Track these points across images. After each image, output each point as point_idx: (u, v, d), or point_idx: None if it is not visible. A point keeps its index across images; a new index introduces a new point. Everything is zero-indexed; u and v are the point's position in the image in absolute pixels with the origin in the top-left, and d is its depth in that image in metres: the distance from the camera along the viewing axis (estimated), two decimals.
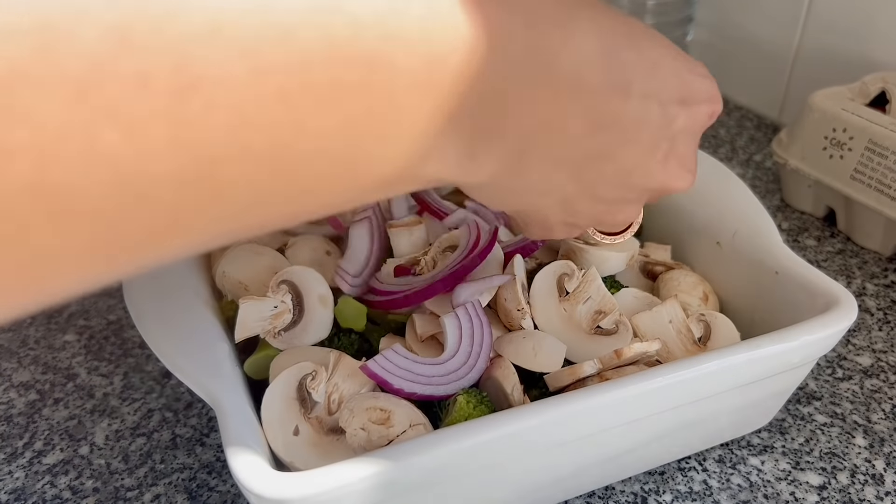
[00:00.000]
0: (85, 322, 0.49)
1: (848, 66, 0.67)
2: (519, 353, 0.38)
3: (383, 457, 0.29)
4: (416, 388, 0.34)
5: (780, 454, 0.41)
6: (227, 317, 0.39)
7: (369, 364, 0.34)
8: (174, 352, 0.34)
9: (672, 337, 0.39)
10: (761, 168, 0.68)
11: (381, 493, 0.29)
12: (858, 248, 0.58)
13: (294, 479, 0.28)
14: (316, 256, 0.43)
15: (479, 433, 0.30)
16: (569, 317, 0.39)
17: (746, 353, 0.34)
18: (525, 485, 0.35)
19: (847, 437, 0.43)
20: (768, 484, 0.40)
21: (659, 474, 0.40)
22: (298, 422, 0.33)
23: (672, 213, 0.47)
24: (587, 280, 0.39)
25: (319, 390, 0.34)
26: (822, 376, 0.47)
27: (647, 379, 0.33)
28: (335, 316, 0.40)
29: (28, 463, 0.40)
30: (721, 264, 0.44)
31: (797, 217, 0.62)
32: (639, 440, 0.36)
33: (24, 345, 0.48)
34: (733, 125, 0.75)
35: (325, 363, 0.35)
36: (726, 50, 0.80)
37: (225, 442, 0.30)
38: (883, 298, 0.53)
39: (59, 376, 0.45)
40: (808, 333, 0.35)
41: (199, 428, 0.42)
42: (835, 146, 0.57)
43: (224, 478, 0.39)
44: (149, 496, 0.38)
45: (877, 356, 0.48)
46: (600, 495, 0.39)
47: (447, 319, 0.36)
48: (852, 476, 0.40)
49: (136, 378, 0.45)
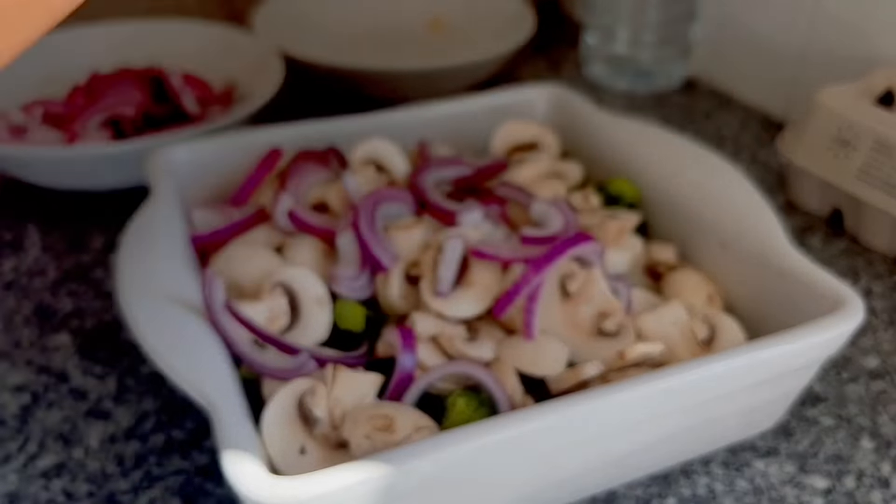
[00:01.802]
0: (79, 324, 0.49)
1: (854, 64, 0.66)
2: (520, 357, 0.38)
3: (382, 461, 0.28)
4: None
5: (786, 457, 0.41)
6: None
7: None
8: (168, 354, 0.33)
9: (676, 338, 0.39)
10: (766, 167, 0.68)
11: (380, 498, 0.29)
12: (865, 249, 0.57)
13: (290, 483, 0.27)
14: (314, 256, 0.42)
15: (480, 436, 0.30)
16: (571, 318, 0.38)
17: (751, 354, 0.34)
18: (526, 488, 0.34)
19: (853, 440, 0.42)
20: (773, 488, 0.39)
21: (662, 478, 0.39)
22: (304, 441, 0.33)
23: (676, 212, 0.47)
24: (590, 281, 0.38)
25: (321, 406, 0.34)
26: (827, 378, 0.46)
27: (651, 381, 0.32)
28: (334, 318, 0.39)
29: (22, 466, 0.39)
30: (726, 264, 0.43)
31: (802, 216, 0.61)
32: (642, 443, 0.35)
33: (17, 346, 0.47)
34: (738, 123, 0.75)
35: (322, 379, 0.35)
36: (731, 47, 0.79)
37: (220, 445, 0.29)
38: (889, 299, 0.52)
39: (52, 378, 0.45)
40: (814, 335, 0.35)
41: (195, 431, 0.42)
42: (841, 145, 0.56)
43: (220, 482, 0.39)
44: (144, 500, 0.38)
45: (883, 358, 0.47)
46: (603, 499, 0.38)
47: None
48: (858, 480, 0.40)
49: (130, 381, 0.45)
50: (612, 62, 0.81)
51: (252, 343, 0.36)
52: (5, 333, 0.48)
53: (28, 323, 0.49)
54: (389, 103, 0.73)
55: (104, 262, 0.54)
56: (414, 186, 0.45)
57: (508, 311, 0.38)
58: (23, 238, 0.57)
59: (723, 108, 0.78)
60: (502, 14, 0.85)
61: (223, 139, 0.50)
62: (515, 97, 0.56)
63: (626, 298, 0.40)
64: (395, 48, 0.87)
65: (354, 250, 0.41)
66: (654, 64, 0.79)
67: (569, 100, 0.56)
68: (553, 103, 0.56)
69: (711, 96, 0.80)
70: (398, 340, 0.37)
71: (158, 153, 0.47)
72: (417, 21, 0.90)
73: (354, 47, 0.87)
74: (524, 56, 0.90)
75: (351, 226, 0.41)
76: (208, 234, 0.42)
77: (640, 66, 0.80)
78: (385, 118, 0.53)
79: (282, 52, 0.71)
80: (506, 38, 0.77)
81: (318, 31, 0.85)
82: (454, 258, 0.39)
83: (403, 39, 0.88)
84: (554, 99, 0.56)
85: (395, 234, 0.42)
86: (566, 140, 0.54)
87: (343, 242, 0.41)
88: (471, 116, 0.55)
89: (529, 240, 0.41)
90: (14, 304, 0.50)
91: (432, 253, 0.40)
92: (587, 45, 0.83)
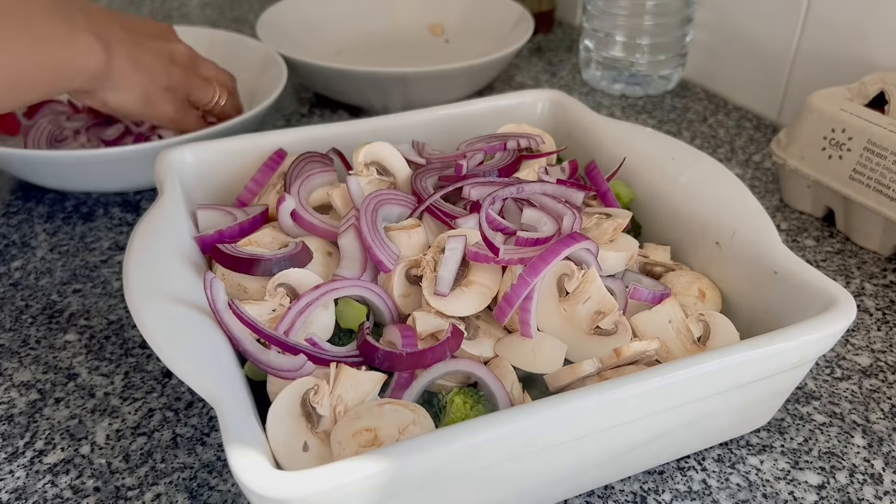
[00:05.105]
0: (86, 322, 0.49)
1: (847, 66, 0.67)
2: (518, 356, 0.38)
3: (383, 456, 0.29)
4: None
5: (779, 454, 0.42)
6: None
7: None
8: (174, 352, 0.34)
9: (671, 336, 0.39)
10: (760, 168, 0.68)
11: (381, 493, 0.29)
12: (857, 248, 0.58)
13: (294, 478, 0.28)
14: (317, 256, 0.43)
15: (478, 432, 0.30)
16: (568, 317, 0.39)
17: (745, 352, 0.34)
18: (524, 484, 0.35)
19: (846, 436, 0.43)
20: (767, 483, 0.40)
21: (658, 474, 0.40)
22: (307, 437, 0.34)
23: (671, 213, 0.47)
24: (587, 280, 0.39)
25: (324, 404, 0.34)
26: (820, 376, 0.47)
27: (647, 378, 0.33)
28: (336, 318, 0.40)
29: (29, 462, 0.40)
30: (720, 264, 0.44)
31: (796, 217, 0.62)
32: (638, 439, 0.36)
33: (25, 344, 0.48)
34: (732, 126, 0.76)
35: (325, 377, 0.35)
36: (725, 50, 0.80)
37: (225, 441, 0.30)
38: (882, 298, 0.53)
39: (59, 376, 0.45)
40: (807, 333, 0.35)
41: (200, 427, 0.42)
42: (834, 146, 0.57)
43: (225, 477, 0.39)
44: (149, 496, 0.38)
45: (875, 356, 0.48)
46: (599, 494, 0.39)
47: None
48: (851, 475, 0.40)
49: (136, 377, 0.45)
50: (608, 66, 0.82)
51: (256, 342, 0.37)
52: (14, 332, 0.49)
53: (36, 322, 0.50)
54: (390, 107, 0.74)
55: (111, 262, 0.55)
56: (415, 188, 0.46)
57: (510, 315, 0.39)
58: (30, 238, 0.58)
59: (717, 110, 0.79)
60: (501, 19, 0.86)
61: (228, 142, 0.50)
62: (514, 101, 0.57)
63: (623, 298, 0.41)
64: (396, 53, 0.88)
65: (357, 250, 0.42)
66: (649, 68, 0.80)
67: (566, 103, 0.56)
68: (550, 107, 0.57)
69: (706, 99, 0.81)
70: (399, 339, 0.38)
71: (165, 155, 0.48)
72: (417, 26, 0.91)
73: (355, 52, 0.87)
74: (523, 60, 0.91)
75: (353, 227, 0.42)
76: (214, 234, 0.42)
77: (636, 70, 0.81)
78: (387, 121, 0.53)
79: (284, 57, 0.72)
80: (505, 43, 0.78)
81: (319, 35, 0.85)
82: (454, 259, 0.40)
83: (404, 44, 0.89)
84: (551, 102, 0.57)
85: (397, 235, 0.42)
86: (563, 142, 0.55)
87: (345, 243, 0.42)
88: (471, 119, 0.55)
89: (525, 241, 0.41)
90: (22, 304, 0.51)
91: (433, 253, 0.41)
92: (584, 49, 0.84)
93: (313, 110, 0.78)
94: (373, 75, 0.71)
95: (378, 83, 0.72)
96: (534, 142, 0.51)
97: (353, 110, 0.77)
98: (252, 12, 1.03)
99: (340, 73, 0.71)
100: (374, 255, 0.41)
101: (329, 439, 0.34)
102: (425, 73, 0.71)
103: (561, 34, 0.99)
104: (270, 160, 0.49)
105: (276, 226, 0.45)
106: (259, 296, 0.41)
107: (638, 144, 0.51)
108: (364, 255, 0.42)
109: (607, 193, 0.48)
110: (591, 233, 0.43)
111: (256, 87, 0.71)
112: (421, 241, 0.43)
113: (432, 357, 0.37)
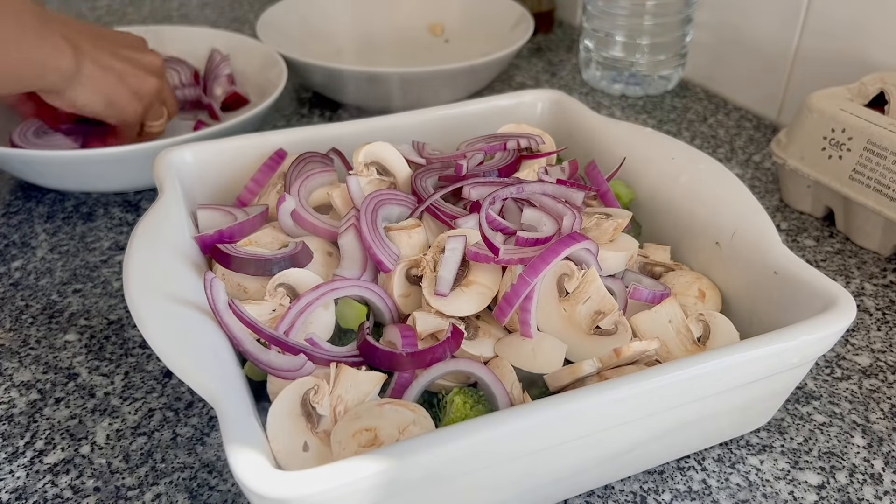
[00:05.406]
0: (86, 322, 0.50)
1: (847, 66, 0.67)
2: (518, 355, 0.38)
3: (383, 456, 0.29)
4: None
5: (779, 454, 0.42)
6: None
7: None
8: (174, 352, 0.34)
9: (671, 336, 0.39)
10: (760, 168, 0.68)
11: (381, 492, 0.29)
12: (857, 248, 0.58)
13: (294, 478, 0.28)
14: (317, 256, 0.43)
15: (478, 432, 0.30)
16: (568, 317, 0.39)
17: (745, 352, 0.34)
18: (524, 484, 0.35)
19: (846, 436, 0.43)
20: (767, 483, 0.40)
21: (658, 473, 0.40)
22: (307, 437, 0.34)
23: (671, 213, 0.47)
24: (587, 280, 0.39)
25: (324, 404, 0.34)
26: (820, 376, 0.47)
27: (647, 378, 0.33)
28: (336, 318, 0.40)
29: (29, 462, 0.40)
30: (720, 264, 0.44)
31: (796, 217, 0.62)
32: (638, 439, 0.36)
33: (25, 344, 0.48)
34: (732, 126, 0.76)
35: (326, 377, 0.35)
36: (725, 51, 0.80)
37: (225, 441, 0.30)
38: (881, 298, 0.53)
39: (60, 376, 0.45)
40: (807, 333, 0.35)
41: (200, 427, 0.42)
42: (834, 146, 0.57)
43: (225, 477, 0.39)
44: (150, 495, 0.38)
45: (875, 356, 0.48)
46: (599, 494, 0.39)
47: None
48: (851, 475, 0.40)
49: (136, 377, 0.45)
50: (608, 66, 0.82)
51: (256, 341, 0.37)
52: (14, 332, 0.49)
53: (36, 322, 0.50)
54: (390, 107, 0.74)
55: (111, 262, 0.55)
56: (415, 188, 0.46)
57: (510, 315, 0.39)
58: (30, 238, 0.58)
59: (717, 110, 0.79)
60: (501, 19, 0.86)
61: (228, 142, 0.50)
62: (514, 101, 0.57)
63: (623, 298, 0.41)
64: (396, 53, 0.88)
65: (357, 250, 0.42)
66: (649, 68, 0.80)
67: (566, 103, 0.56)
68: (550, 107, 0.57)
69: (706, 99, 0.81)
70: (399, 339, 0.38)
71: (165, 155, 0.48)
72: (417, 26, 0.91)
73: (355, 52, 0.87)
74: (522, 60, 0.91)
75: (353, 226, 0.42)
76: (214, 234, 0.42)
77: (636, 70, 0.81)
78: (387, 121, 0.54)
79: (284, 57, 0.72)
80: (505, 43, 0.78)
81: (319, 35, 0.85)
82: (454, 259, 0.40)
83: (404, 44, 0.89)
84: (551, 102, 0.57)
85: (397, 235, 0.42)
86: (563, 142, 0.55)
87: (345, 243, 0.42)
88: (471, 119, 0.55)
89: (525, 241, 0.41)
90: (22, 304, 0.51)
91: (433, 253, 0.41)
92: (584, 49, 0.84)
93: (313, 110, 0.78)
94: (373, 75, 0.71)
95: (378, 83, 0.72)
96: (534, 142, 0.51)
97: (353, 110, 0.77)
98: (252, 12, 1.03)
99: (340, 73, 0.71)
100: (374, 255, 0.41)
101: (329, 439, 0.34)
102: (425, 73, 0.71)
103: (561, 34, 0.99)
104: (270, 160, 0.49)
105: (276, 226, 0.45)
106: (259, 296, 0.41)
107: (638, 144, 0.51)
108: (364, 255, 0.42)
109: (607, 193, 0.48)
110: (591, 233, 0.43)
111: (256, 87, 0.72)
112: (421, 241, 0.43)
113: (432, 357, 0.37)
